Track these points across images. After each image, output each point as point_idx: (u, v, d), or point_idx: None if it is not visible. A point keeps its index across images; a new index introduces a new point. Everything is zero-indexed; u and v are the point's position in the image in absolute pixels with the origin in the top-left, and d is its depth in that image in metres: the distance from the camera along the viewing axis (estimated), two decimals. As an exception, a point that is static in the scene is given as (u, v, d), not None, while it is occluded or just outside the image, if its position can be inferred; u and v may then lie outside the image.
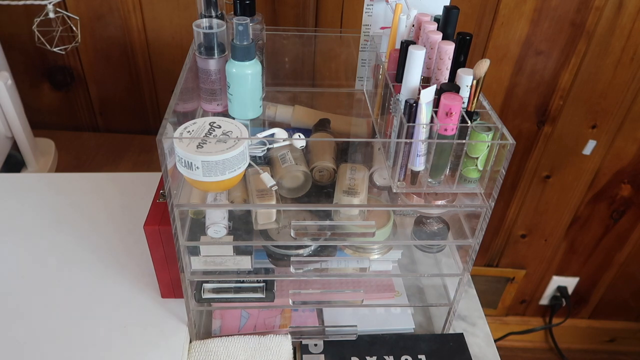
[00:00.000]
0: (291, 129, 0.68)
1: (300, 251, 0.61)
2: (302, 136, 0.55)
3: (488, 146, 0.51)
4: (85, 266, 0.70)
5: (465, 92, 0.51)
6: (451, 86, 0.51)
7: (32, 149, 0.92)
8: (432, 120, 0.51)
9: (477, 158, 0.51)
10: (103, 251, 0.72)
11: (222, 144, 0.49)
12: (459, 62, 0.53)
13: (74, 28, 0.92)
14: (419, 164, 0.52)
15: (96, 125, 1.12)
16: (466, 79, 0.50)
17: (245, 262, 0.60)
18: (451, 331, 0.68)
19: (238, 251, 0.59)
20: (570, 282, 1.47)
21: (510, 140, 0.49)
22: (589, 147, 1.15)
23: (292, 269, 0.60)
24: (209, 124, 0.51)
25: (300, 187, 0.60)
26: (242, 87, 0.58)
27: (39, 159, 0.96)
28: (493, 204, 0.53)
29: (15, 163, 0.93)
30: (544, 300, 1.53)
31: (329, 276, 0.64)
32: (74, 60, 1.03)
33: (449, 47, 0.51)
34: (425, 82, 0.55)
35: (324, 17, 0.96)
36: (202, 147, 0.48)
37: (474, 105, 0.51)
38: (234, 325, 0.67)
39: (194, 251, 0.58)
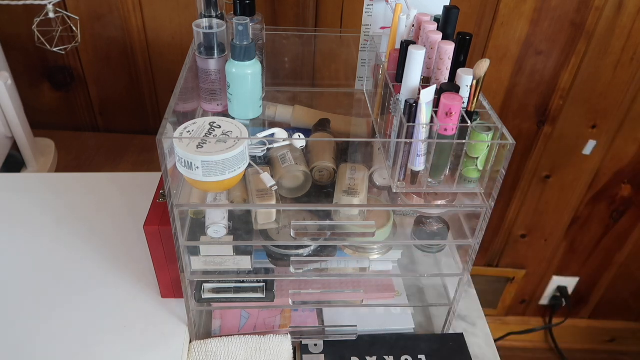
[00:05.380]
0: (291, 129, 0.68)
1: (300, 251, 0.61)
2: (302, 136, 0.55)
3: (488, 146, 0.51)
4: (85, 266, 0.70)
5: (465, 92, 0.51)
6: (451, 86, 0.51)
7: (32, 149, 0.92)
8: (432, 120, 0.51)
9: (477, 158, 0.51)
10: (103, 251, 0.72)
11: (222, 144, 0.49)
12: (459, 62, 0.53)
13: (74, 28, 0.92)
14: (419, 164, 0.52)
15: (96, 125, 1.12)
16: (466, 79, 0.50)
17: (245, 262, 0.60)
18: (451, 331, 0.68)
19: (238, 251, 0.59)
20: (570, 282, 1.47)
21: (510, 140, 0.49)
22: (589, 147, 1.15)
23: (292, 269, 0.60)
24: (209, 124, 0.51)
25: (300, 187, 0.60)
26: (242, 87, 0.58)
27: (39, 159, 0.96)
28: (493, 204, 0.53)
29: (15, 163, 0.93)
30: (544, 300, 1.53)
31: (329, 276, 0.64)
32: (74, 60, 1.03)
33: (449, 47, 0.51)
34: (425, 82, 0.55)
35: (324, 17, 0.96)
36: (202, 147, 0.48)
37: (474, 105, 0.51)
38: (234, 325, 0.67)
39: (194, 251, 0.58)
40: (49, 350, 0.60)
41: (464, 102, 0.51)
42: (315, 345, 0.65)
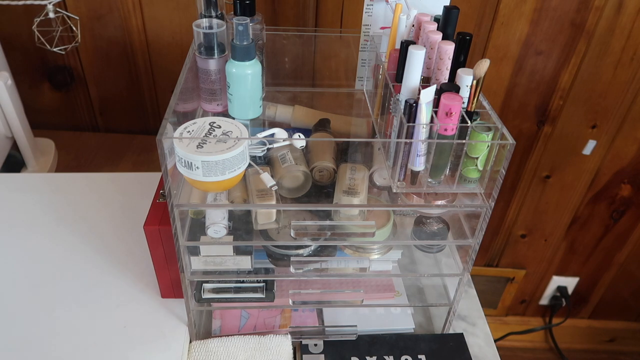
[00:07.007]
0: (291, 129, 0.68)
1: (300, 251, 0.61)
2: (302, 136, 0.55)
3: (488, 146, 0.51)
4: (85, 266, 0.70)
5: (465, 92, 0.51)
6: (451, 86, 0.51)
7: (32, 149, 0.92)
8: (432, 120, 0.51)
9: (477, 158, 0.51)
10: (103, 251, 0.72)
11: (222, 144, 0.49)
12: (459, 62, 0.53)
13: (74, 28, 0.92)
14: (419, 164, 0.52)
15: (96, 125, 1.12)
16: (466, 79, 0.50)
17: (245, 262, 0.60)
18: (451, 331, 0.68)
19: (238, 251, 0.59)
20: (570, 282, 1.47)
21: (510, 140, 0.49)
22: (589, 147, 1.15)
23: (292, 269, 0.60)
24: (209, 124, 0.51)
25: (300, 187, 0.60)
26: (242, 87, 0.58)
27: (39, 159, 0.96)
28: (493, 204, 0.53)
29: (15, 163, 0.93)
30: (544, 300, 1.53)
31: (329, 276, 0.64)
32: (74, 60, 1.03)
33: (449, 47, 0.51)
34: (425, 82, 0.55)
35: (324, 17, 0.96)
36: (202, 147, 0.48)
37: (474, 105, 0.51)
38: (234, 325, 0.67)
39: (194, 251, 0.58)
40: (49, 350, 0.60)
41: (464, 102, 0.51)
42: (315, 345, 0.65)
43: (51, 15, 0.84)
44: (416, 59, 0.51)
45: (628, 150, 1.16)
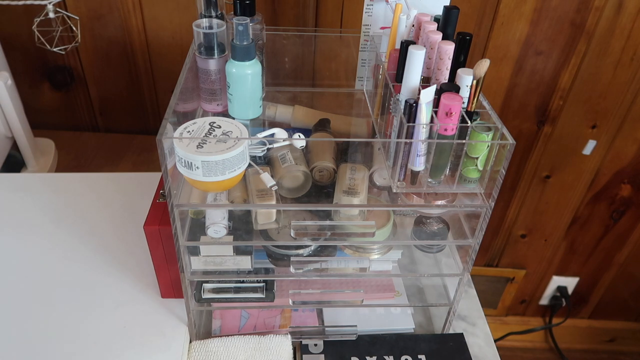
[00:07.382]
0: (291, 129, 0.68)
1: (300, 251, 0.61)
2: (302, 136, 0.55)
3: (488, 146, 0.51)
4: (85, 266, 0.70)
5: (465, 92, 0.51)
6: (451, 86, 0.51)
7: (32, 149, 0.92)
8: (432, 120, 0.51)
9: (477, 158, 0.51)
10: (103, 251, 0.72)
11: (222, 144, 0.49)
12: (459, 62, 0.53)
13: (74, 28, 0.92)
14: (419, 164, 0.52)
15: (96, 125, 1.12)
16: (466, 79, 0.50)
17: (245, 262, 0.60)
18: (451, 331, 0.68)
19: (238, 251, 0.59)
20: (570, 282, 1.47)
21: (510, 140, 0.49)
22: (589, 147, 1.15)
23: (292, 269, 0.60)
24: (209, 124, 0.51)
25: (300, 187, 0.60)
26: (242, 87, 0.58)
27: (39, 159, 0.96)
28: (493, 204, 0.53)
29: (15, 163, 0.93)
30: (544, 300, 1.53)
31: (329, 276, 0.64)
32: (74, 60, 1.03)
33: (449, 47, 0.51)
34: (425, 82, 0.55)
35: (324, 17, 0.96)
36: (202, 147, 0.48)
37: (474, 105, 0.51)
38: (234, 325, 0.67)
39: (194, 251, 0.58)
40: (49, 350, 0.60)
41: (464, 102, 0.51)
42: (315, 345, 0.65)
43: (51, 15, 0.84)
44: (416, 59, 0.51)
45: (628, 151, 1.16)
